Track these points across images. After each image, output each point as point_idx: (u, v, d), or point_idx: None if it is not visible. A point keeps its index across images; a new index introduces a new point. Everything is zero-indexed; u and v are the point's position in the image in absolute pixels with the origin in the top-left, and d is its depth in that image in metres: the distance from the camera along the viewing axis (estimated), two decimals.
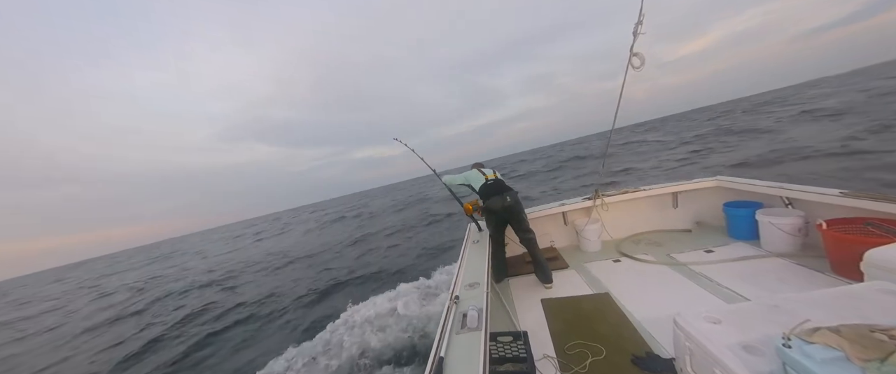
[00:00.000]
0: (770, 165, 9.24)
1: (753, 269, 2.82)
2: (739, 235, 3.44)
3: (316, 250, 13.29)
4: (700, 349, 1.39)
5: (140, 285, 15.45)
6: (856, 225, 2.53)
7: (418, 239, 10.86)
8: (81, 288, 20.64)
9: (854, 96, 21.10)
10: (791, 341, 1.18)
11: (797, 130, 13.33)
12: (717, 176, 3.89)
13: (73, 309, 13.12)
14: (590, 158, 24.45)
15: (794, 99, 32.48)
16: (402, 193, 41.89)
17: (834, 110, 16.35)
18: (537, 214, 4.06)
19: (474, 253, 2.92)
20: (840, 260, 2.47)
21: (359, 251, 11.11)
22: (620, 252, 3.68)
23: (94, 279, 25.25)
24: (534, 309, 2.87)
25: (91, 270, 42.54)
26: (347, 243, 12.99)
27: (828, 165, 7.90)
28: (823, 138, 10.48)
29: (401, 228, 13.81)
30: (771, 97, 53.45)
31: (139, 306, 10.65)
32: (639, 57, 2.90)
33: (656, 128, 41.49)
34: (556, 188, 14.51)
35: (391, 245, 10.86)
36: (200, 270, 15.87)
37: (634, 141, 26.97)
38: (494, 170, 3.63)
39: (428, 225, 12.95)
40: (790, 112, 20.44)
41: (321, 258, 11.44)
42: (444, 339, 1.61)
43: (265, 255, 15.68)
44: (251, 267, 13.21)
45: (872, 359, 1.04)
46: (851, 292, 1.54)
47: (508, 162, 49.25)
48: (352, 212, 29.64)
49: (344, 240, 14.08)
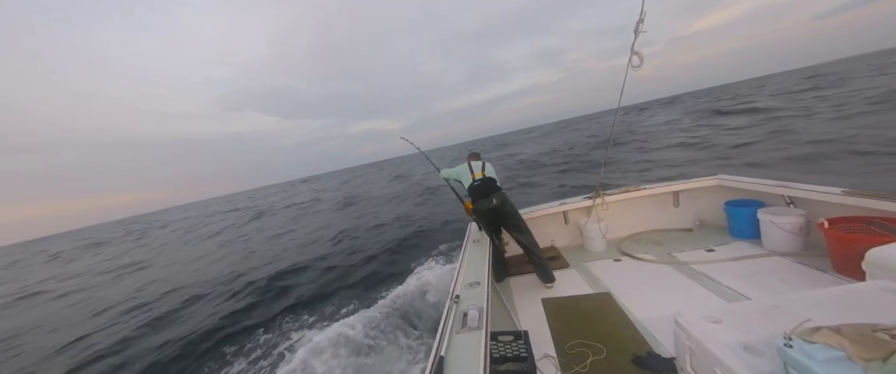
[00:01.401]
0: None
1: (754, 268, 2.81)
2: (740, 234, 3.43)
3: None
4: (701, 349, 1.39)
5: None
6: (858, 224, 2.52)
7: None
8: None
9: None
10: (792, 340, 1.18)
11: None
12: (718, 175, 3.89)
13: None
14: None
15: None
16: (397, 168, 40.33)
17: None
18: (537, 213, 4.06)
19: (475, 253, 2.92)
20: (842, 259, 2.46)
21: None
22: (621, 251, 3.68)
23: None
24: (534, 309, 2.87)
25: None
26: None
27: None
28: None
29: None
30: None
31: None
32: (638, 56, 2.90)
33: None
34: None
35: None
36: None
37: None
38: (484, 166, 3.48)
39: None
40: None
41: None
42: (444, 338, 1.61)
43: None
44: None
45: (874, 359, 1.03)
46: (853, 291, 1.53)
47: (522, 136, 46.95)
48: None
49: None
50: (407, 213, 12.09)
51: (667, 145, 14.44)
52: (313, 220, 15.71)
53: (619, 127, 13.56)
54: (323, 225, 13.48)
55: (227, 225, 21.66)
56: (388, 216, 12.08)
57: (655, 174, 10.10)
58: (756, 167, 8.54)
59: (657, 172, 10.24)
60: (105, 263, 16.65)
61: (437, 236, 8.37)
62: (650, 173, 10.31)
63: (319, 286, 6.65)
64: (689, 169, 9.67)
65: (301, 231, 13.27)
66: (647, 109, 45.27)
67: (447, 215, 10.34)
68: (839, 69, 41.65)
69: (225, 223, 23.16)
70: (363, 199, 19.14)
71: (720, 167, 7.86)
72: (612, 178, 10.02)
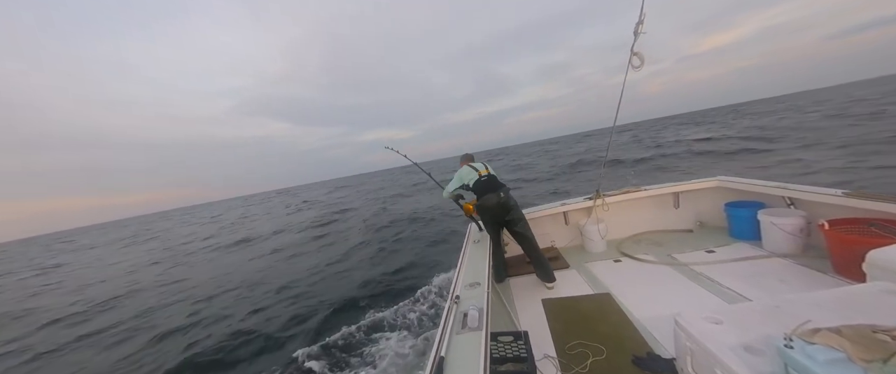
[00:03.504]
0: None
1: (755, 269, 2.81)
2: (741, 235, 3.43)
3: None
4: (701, 350, 1.39)
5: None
6: (858, 226, 2.52)
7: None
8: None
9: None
10: (793, 341, 1.18)
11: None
12: (718, 176, 3.89)
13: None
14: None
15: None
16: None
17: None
18: (538, 213, 4.06)
19: (475, 253, 2.91)
20: (842, 261, 2.46)
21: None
22: (621, 252, 3.68)
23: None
24: (534, 309, 2.87)
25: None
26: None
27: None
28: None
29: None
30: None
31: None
32: (638, 56, 2.90)
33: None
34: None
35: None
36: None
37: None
38: (486, 164, 3.53)
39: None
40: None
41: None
42: (444, 339, 1.61)
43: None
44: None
45: (874, 360, 1.03)
46: (853, 292, 1.53)
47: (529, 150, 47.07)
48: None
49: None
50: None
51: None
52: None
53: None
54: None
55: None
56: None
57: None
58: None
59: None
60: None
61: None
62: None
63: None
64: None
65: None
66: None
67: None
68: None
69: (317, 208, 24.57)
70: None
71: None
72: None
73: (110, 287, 10.58)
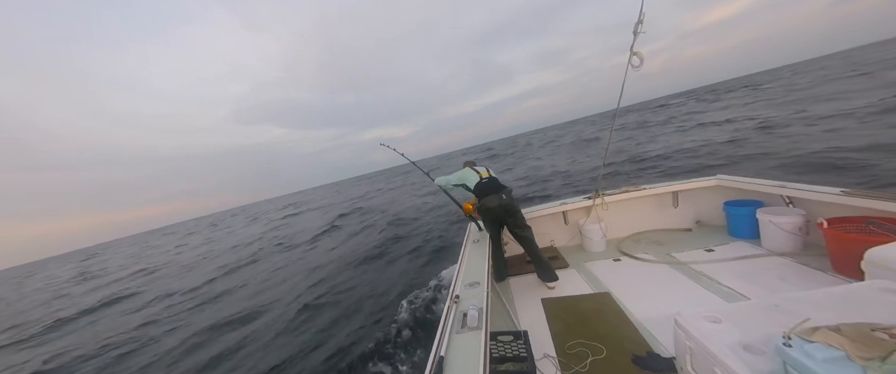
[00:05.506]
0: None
1: (754, 268, 2.82)
2: (740, 234, 3.43)
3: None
4: (700, 349, 1.39)
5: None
6: (857, 224, 2.53)
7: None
8: None
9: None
10: (791, 340, 1.18)
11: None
12: (718, 175, 3.89)
13: None
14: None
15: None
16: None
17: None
18: (537, 213, 4.06)
19: (474, 253, 2.92)
20: (841, 259, 2.46)
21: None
22: (621, 251, 3.68)
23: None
24: (534, 309, 2.87)
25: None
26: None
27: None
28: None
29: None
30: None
31: None
32: (638, 56, 2.90)
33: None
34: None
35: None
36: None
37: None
38: (488, 168, 3.59)
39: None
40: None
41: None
42: (444, 338, 1.61)
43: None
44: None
45: (873, 358, 1.04)
46: (852, 291, 1.54)
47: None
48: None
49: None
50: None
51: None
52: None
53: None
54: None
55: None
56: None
57: None
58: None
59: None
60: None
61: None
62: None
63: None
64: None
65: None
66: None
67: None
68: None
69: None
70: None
71: None
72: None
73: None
